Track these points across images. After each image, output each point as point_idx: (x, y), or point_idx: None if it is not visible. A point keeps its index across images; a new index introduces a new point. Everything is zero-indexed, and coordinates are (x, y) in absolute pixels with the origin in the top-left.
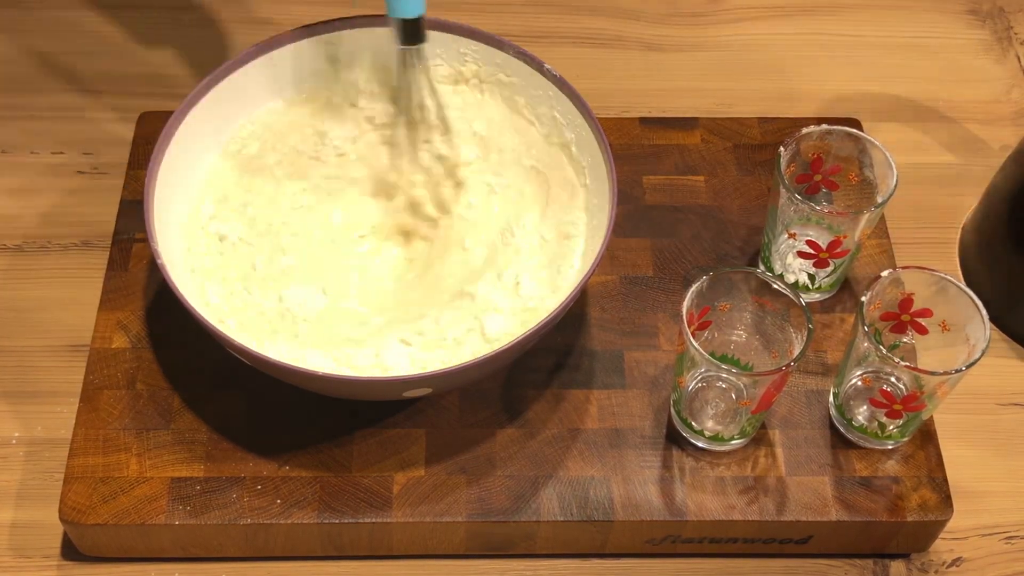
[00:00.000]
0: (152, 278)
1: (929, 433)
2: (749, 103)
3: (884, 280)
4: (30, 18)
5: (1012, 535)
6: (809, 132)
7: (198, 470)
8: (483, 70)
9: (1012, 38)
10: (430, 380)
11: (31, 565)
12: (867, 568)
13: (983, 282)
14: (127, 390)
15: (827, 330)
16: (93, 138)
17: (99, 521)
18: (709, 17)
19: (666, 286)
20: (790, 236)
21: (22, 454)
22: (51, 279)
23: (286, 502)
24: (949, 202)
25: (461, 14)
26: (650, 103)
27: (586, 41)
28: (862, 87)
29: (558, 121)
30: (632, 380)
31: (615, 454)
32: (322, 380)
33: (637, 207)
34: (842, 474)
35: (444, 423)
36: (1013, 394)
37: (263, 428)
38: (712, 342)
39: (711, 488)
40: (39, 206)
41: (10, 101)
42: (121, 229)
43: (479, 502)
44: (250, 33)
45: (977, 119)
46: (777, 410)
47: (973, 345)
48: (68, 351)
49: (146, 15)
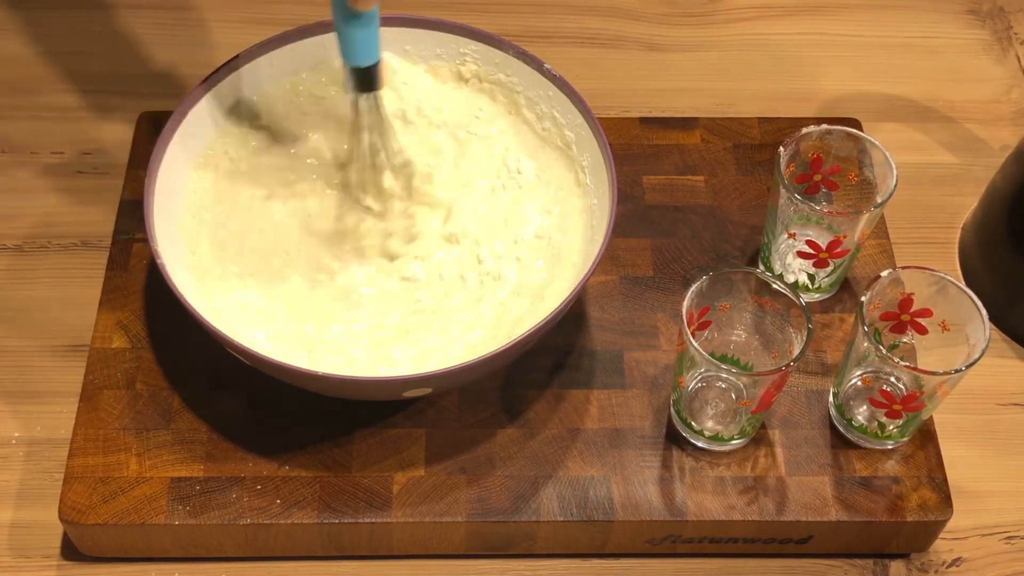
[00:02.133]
0: (152, 278)
1: (929, 433)
2: (749, 103)
3: (884, 280)
4: (30, 18)
5: (1012, 535)
6: (809, 132)
7: (198, 470)
8: (483, 70)
9: (1012, 38)
10: (430, 380)
11: (31, 565)
12: (867, 568)
13: (983, 282)
14: (127, 390)
15: (827, 330)
16: (93, 138)
17: (99, 521)
18: (709, 17)
19: (666, 286)
20: (790, 236)
21: (22, 454)
22: (51, 279)
23: (286, 502)
24: (949, 202)
25: (461, 14)
26: (650, 103)
27: (586, 41)
28: (862, 87)
29: (558, 121)
30: (632, 380)
31: (615, 454)
32: (322, 380)
33: (637, 207)
34: (842, 474)
35: (444, 423)
36: (1013, 394)
37: (263, 428)
38: (712, 342)
39: (711, 488)
40: (39, 206)
41: (10, 101)
42: (121, 229)
43: (479, 502)
44: (250, 33)
45: (977, 119)
46: (777, 410)
47: (973, 345)
48: (68, 351)
49: (146, 15)
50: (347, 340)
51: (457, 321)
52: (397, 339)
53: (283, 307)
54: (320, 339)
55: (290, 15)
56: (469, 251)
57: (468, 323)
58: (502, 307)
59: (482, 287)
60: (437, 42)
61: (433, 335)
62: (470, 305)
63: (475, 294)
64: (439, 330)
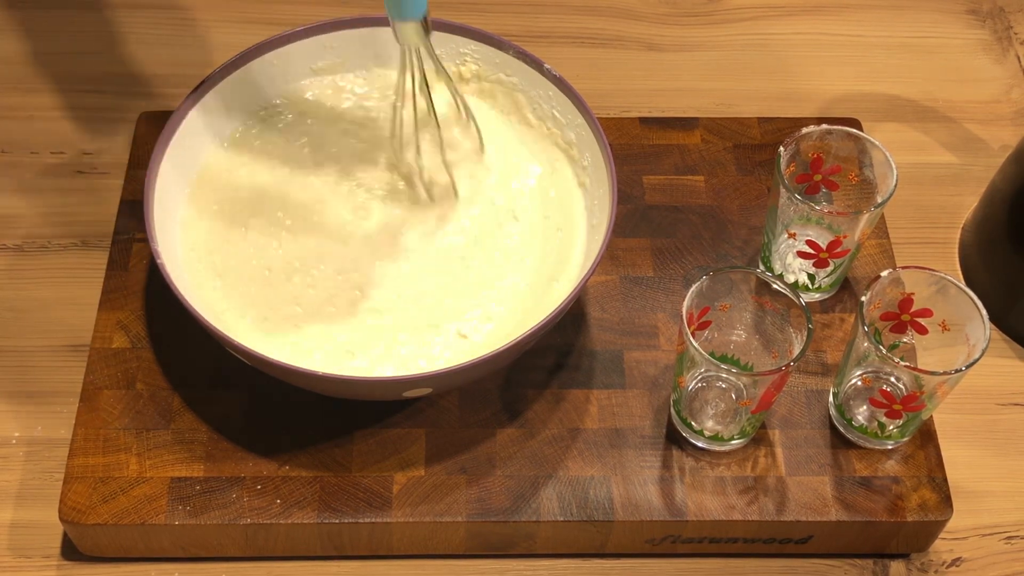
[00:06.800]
0: (152, 278)
1: (929, 433)
2: (749, 103)
3: (884, 280)
4: (30, 18)
5: (1012, 535)
6: (809, 132)
7: (198, 470)
8: (483, 70)
9: (1012, 38)
10: (430, 380)
11: (31, 565)
12: (867, 568)
13: (983, 282)
14: (127, 390)
15: (827, 330)
16: (93, 138)
17: (99, 521)
18: (709, 17)
19: (666, 286)
20: (790, 236)
21: (22, 454)
22: (51, 279)
23: (286, 502)
24: (949, 202)
25: (461, 14)
26: (650, 103)
27: (586, 41)
28: (862, 87)
29: (558, 121)
30: (632, 380)
31: (615, 454)
32: (322, 380)
33: (637, 207)
34: (842, 474)
35: (444, 423)
36: (1013, 394)
37: (263, 428)
38: (712, 342)
39: (711, 488)
40: (39, 206)
41: (10, 101)
42: (121, 229)
43: (479, 502)
44: (250, 33)
45: (977, 119)
46: (777, 410)
47: (973, 345)
48: (68, 351)
49: (145, 15)
50: (348, 339)
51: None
52: (398, 339)
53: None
54: (321, 338)
55: (290, 15)
56: (468, 250)
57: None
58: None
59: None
60: (437, 42)
61: (433, 334)
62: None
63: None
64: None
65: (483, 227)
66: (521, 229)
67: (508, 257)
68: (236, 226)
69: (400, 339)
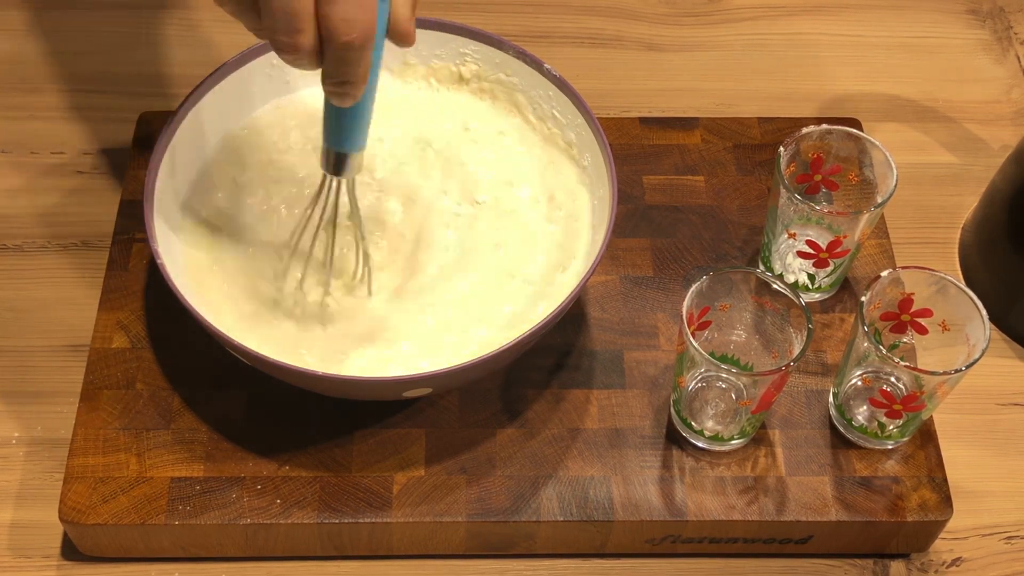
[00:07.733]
0: (152, 278)
1: (929, 433)
2: (749, 103)
3: (884, 280)
4: (30, 18)
5: (1012, 535)
6: (809, 132)
7: (198, 470)
8: (483, 70)
9: (1012, 38)
10: (430, 380)
11: (31, 565)
12: (867, 568)
13: (983, 282)
14: (127, 390)
15: (827, 330)
16: (93, 138)
17: (99, 521)
18: (709, 17)
19: (666, 286)
20: (790, 236)
21: (22, 454)
22: (51, 279)
23: (286, 502)
24: (949, 202)
25: (461, 14)
26: (650, 103)
27: (586, 41)
28: (862, 87)
29: (558, 121)
30: (632, 380)
31: (615, 454)
32: (322, 380)
33: (637, 207)
34: (842, 474)
35: (444, 423)
36: (1013, 394)
37: (263, 428)
38: (712, 342)
39: (711, 488)
40: (39, 206)
41: (10, 101)
42: (121, 229)
43: (479, 502)
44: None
45: (977, 119)
46: (777, 410)
47: (973, 345)
48: (68, 351)
49: (146, 15)
50: (348, 339)
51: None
52: (398, 338)
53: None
54: (321, 338)
55: None
56: (469, 250)
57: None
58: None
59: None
60: (437, 42)
61: (433, 335)
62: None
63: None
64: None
65: (483, 227)
66: (521, 229)
67: (507, 256)
68: (236, 226)
69: (402, 338)
